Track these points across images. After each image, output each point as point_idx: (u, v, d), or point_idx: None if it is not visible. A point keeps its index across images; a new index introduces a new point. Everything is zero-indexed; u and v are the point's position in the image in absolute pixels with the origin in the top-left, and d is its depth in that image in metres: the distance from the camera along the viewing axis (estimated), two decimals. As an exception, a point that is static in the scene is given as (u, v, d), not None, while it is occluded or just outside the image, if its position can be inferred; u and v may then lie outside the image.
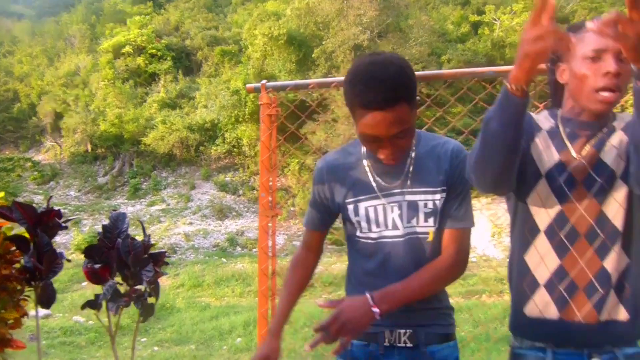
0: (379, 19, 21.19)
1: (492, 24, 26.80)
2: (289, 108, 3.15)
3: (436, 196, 1.46)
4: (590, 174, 1.34)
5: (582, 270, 1.33)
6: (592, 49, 1.29)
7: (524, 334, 1.43)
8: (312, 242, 1.67)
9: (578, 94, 1.34)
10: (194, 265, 14.46)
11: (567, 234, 1.35)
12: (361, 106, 1.30)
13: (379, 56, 1.35)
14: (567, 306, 1.34)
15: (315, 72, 21.36)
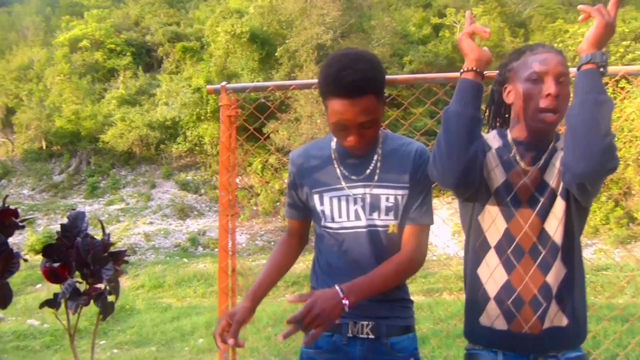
0: (342, 19, 21.28)
1: (452, 26, 27.31)
2: (252, 106, 3.17)
3: (398, 192, 1.56)
4: (534, 194, 1.47)
5: (527, 285, 1.45)
6: (534, 71, 1.42)
7: (477, 341, 1.55)
8: (293, 230, 1.75)
9: (523, 113, 1.47)
10: (154, 265, 14.22)
11: (513, 250, 1.46)
12: (333, 95, 1.42)
13: (352, 50, 1.49)
14: (515, 319, 1.45)
15: (278, 71, 21.30)
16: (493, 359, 1.49)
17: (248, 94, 2.94)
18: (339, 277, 1.52)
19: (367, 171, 1.57)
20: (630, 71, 2.62)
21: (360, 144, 1.50)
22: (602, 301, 8.80)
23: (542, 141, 1.50)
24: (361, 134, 1.47)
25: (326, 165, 1.61)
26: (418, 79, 2.56)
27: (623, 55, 19.25)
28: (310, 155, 1.66)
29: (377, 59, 1.50)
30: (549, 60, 1.43)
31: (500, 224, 1.47)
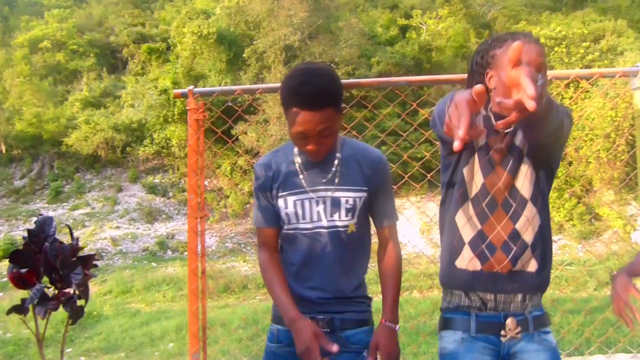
0: (309, 20, 21.31)
1: (419, 28, 27.66)
2: (220, 108, 3.16)
3: (357, 194, 1.69)
4: (507, 155, 1.59)
5: (498, 233, 1.58)
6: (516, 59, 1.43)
7: (454, 284, 1.65)
8: (268, 240, 1.77)
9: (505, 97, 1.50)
10: (122, 270, 14.00)
11: (488, 203, 1.60)
12: (295, 106, 1.54)
13: (313, 65, 1.65)
14: (488, 261, 1.58)
15: (246, 72, 21.20)
16: (466, 321, 1.59)
17: (216, 97, 2.94)
18: (305, 278, 1.69)
19: (329, 175, 1.69)
20: (581, 74, 2.77)
21: (320, 151, 1.63)
22: (567, 295, 9.03)
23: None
24: (320, 142, 1.60)
25: (289, 170, 1.71)
26: (382, 83, 2.61)
27: (583, 56, 19.80)
28: (274, 163, 1.75)
29: (336, 74, 1.65)
30: (530, 51, 1.52)
31: (478, 178, 1.60)
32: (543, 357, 1.56)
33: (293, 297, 1.68)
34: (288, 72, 1.63)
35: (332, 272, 1.67)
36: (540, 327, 1.59)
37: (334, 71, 1.68)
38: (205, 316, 2.86)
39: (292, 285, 1.70)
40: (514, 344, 1.57)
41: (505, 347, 1.57)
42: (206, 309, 2.87)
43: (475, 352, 1.56)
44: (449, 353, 1.60)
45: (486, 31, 29.39)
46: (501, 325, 1.57)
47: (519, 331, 1.56)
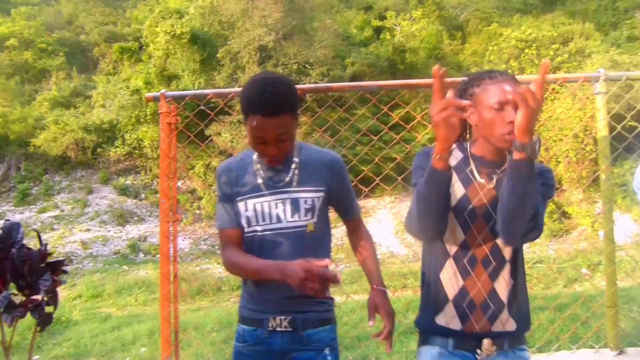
0: (284, 21, 21.26)
1: (393, 29, 27.87)
2: (194, 109, 3.13)
3: (315, 194, 1.78)
4: (489, 210, 1.63)
5: (479, 290, 1.63)
6: (496, 102, 1.57)
7: (430, 334, 1.71)
8: (233, 240, 1.82)
9: (488, 136, 1.62)
10: (92, 274, 13.73)
11: (469, 259, 1.64)
12: (254, 113, 1.63)
13: (271, 74, 1.75)
14: (468, 320, 1.63)
15: (220, 72, 21.04)
16: (445, 340, 1.66)
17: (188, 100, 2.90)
18: None
19: (287, 178, 1.77)
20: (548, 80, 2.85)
21: (278, 156, 1.72)
22: (537, 292, 9.19)
23: (499, 158, 1.67)
24: (278, 147, 1.69)
25: (249, 175, 1.80)
26: (352, 87, 2.62)
27: (553, 58, 20.18)
28: (234, 168, 1.83)
29: (292, 82, 1.76)
30: (507, 90, 1.54)
31: (458, 235, 1.64)
32: None
33: (255, 297, 1.79)
34: (246, 82, 1.73)
35: None
36: (516, 345, 1.67)
37: (290, 80, 1.79)
38: (178, 320, 2.84)
39: (254, 287, 1.79)
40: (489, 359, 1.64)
41: None
42: (178, 313, 2.85)
43: None
44: None
45: (459, 33, 29.79)
46: (478, 344, 1.63)
47: (495, 349, 1.63)
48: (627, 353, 2.67)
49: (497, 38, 23.23)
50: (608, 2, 31.77)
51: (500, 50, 21.24)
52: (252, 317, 1.80)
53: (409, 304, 6.23)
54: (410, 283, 10.81)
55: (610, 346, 2.68)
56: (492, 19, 29.54)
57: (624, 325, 4.36)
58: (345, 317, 6.90)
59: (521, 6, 32.37)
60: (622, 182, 16.50)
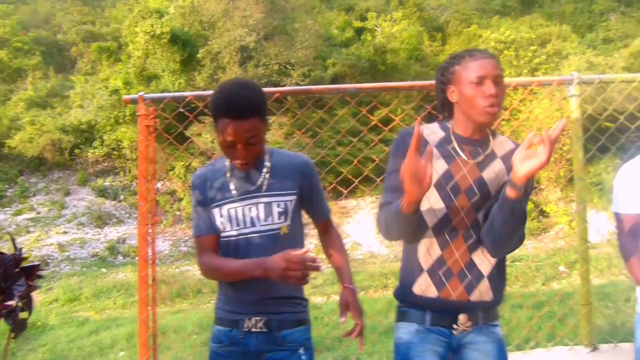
0: (265, 21, 21.21)
1: (374, 30, 27.99)
2: (174, 110, 3.10)
3: (288, 198, 1.83)
4: (472, 186, 1.68)
5: (456, 260, 1.67)
6: (476, 76, 1.64)
7: (411, 305, 1.75)
8: (209, 246, 1.86)
9: (469, 111, 1.68)
10: (69, 277, 13.52)
11: (449, 231, 1.68)
12: (224, 117, 1.68)
13: (240, 80, 1.83)
14: (444, 288, 1.67)
15: (200, 72, 20.91)
16: (422, 315, 1.70)
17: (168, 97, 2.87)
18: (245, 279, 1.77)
19: (258, 182, 1.82)
20: (521, 83, 2.91)
21: (248, 159, 1.75)
22: (515, 290, 9.29)
23: (481, 136, 1.72)
24: (247, 150, 1.72)
25: (222, 181, 1.84)
26: (332, 90, 2.63)
27: (531, 59, 20.48)
28: (207, 175, 1.87)
29: (260, 87, 1.82)
30: (486, 65, 1.65)
31: (439, 209, 1.67)
32: (490, 347, 1.70)
33: (231, 299, 1.83)
34: (216, 88, 1.79)
35: None
36: (489, 320, 1.72)
37: (259, 85, 1.86)
38: (156, 324, 2.82)
39: (230, 289, 1.83)
40: (464, 336, 1.69)
41: (456, 339, 1.69)
42: (156, 316, 2.83)
43: (428, 343, 1.68)
44: (404, 343, 1.72)
45: (439, 34, 30.05)
46: (454, 319, 1.68)
47: (470, 324, 1.68)
48: (601, 349, 2.72)
49: (477, 39, 23.50)
50: (584, 5, 32.36)
51: (480, 52, 21.45)
52: (228, 318, 1.83)
53: (390, 304, 6.25)
54: (391, 283, 10.84)
55: (584, 343, 2.73)
56: (472, 20, 29.87)
57: (600, 322, 4.43)
58: (326, 318, 6.91)
59: (500, 8, 32.80)
60: (598, 180, 16.80)
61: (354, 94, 2.64)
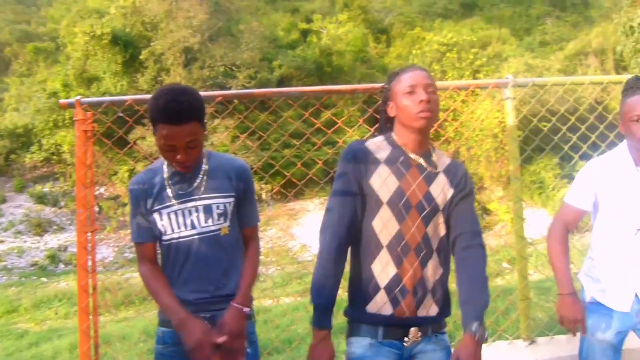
0: (209, 23, 20.93)
1: (319, 32, 28.12)
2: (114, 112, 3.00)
3: (226, 200, 1.86)
4: (421, 201, 1.74)
5: (411, 276, 1.72)
6: (407, 86, 1.75)
7: (363, 322, 1.76)
8: (147, 254, 1.90)
9: (404, 120, 1.77)
10: (6, 288, 12.96)
11: (402, 248, 1.72)
12: (163, 122, 1.70)
13: (177, 85, 1.84)
14: (399, 306, 1.71)
15: (143, 74, 20.41)
16: (374, 330, 1.73)
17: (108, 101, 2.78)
18: (188, 280, 1.82)
19: (195, 185, 1.85)
20: (459, 85, 2.96)
21: (187, 162, 1.78)
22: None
23: (424, 151, 1.80)
24: (188, 153, 1.76)
25: (160, 186, 1.86)
26: (275, 93, 2.64)
27: (472, 61, 21.09)
28: (145, 181, 1.89)
29: (197, 92, 1.85)
30: (416, 76, 1.77)
31: (392, 226, 1.72)
32: (439, 355, 1.76)
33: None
34: (153, 94, 1.80)
35: (212, 273, 1.83)
36: (437, 329, 1.79)
37: (196, 89, 1.89)
38: (97, 334, 2.72)
39: (176, 292, 1.82)
40: (415, 346, 1.75)
41: (407, 350, 1.74)
42: (98, 326, 2.73)
43: (381, 356, 1.71)
44: (358, 357, 1.74)
45: (384, 36, 30.52)
46: (405, 332, 1.72)
47: (420, 335, 1.74)
48: (538, 343, 2.82)
49: (420, 42, 23.98)
50: (522, 9, 33.67)
51: (424, 54, 21.94)
52: None
53: (340, 305, 6.29)
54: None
55: (523, 337, 2.81)
56: (415, 23, 30.49)
57: (540, 316, 4.61)
58: (276, 320, 6.87)
59: (442, 11, 33.65)
60: (538, 179, 17.50)
61: (297, 96, 2.63)
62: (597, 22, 24.51)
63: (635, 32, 11.37)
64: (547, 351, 2.74)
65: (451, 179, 1.80)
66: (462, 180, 1.82)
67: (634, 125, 1.96)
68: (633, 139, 1.99)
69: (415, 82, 1.75)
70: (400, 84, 1.78)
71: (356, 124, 3.11)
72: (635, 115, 1.96)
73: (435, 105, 1.76)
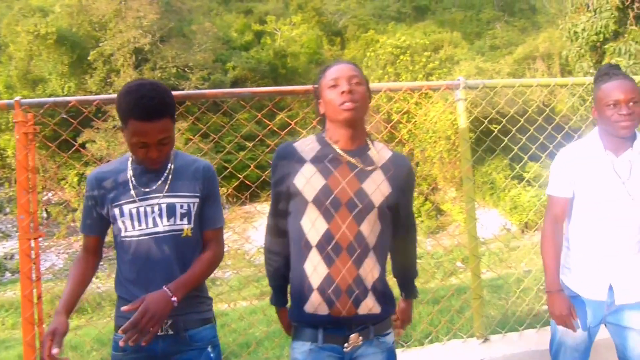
0: (160, 23, 20.51)
1: (273, 34, 28.03)
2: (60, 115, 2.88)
3: (190, 200, 1.82)
4: (352, 198, 1.69)
5: (344, 276, 1.68)
6: (331, 79, 1.72)
7: (304, 324, 1.75)
8: (89, 246, 1.88)
9: (330, 114, 1.73)
10: (-53, 300, 12.29)
11: (333, 247, 1.68)
12: (136, 119, 1.65)
13: (146, 80, 1.76)
14: (334, 306, 1.67)
15: (92, 75, 19.82)
16: (314, 333, 1.70)
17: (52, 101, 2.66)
18: (145, 280, 1.75)
19: (159, 182, 1.80)
20: (411, 87, 2.98)
21: (159, 159, 1.75)
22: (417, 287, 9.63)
23: (358, 146, 1.76)
24: (160, 150, 1.72)
25: (124, 181, 1.80)
26: (226, 94, 2.56)
27: (425, 64, 21.47)
28: (108, 174, 1.83)
29: (168, 88, 1.79)
30: (340, 69, 1.74)
31: (320, 225, 1.68)
32: (380, 358, 1.74)
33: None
34: (122, 89, 1.73)
35: (172, 275, 1.75)
36: (380, 331, 1.76)
37: (166, 86, 1.81)
38: (43, 345, 2.59)
39: (132, 291, 1.76)
40: (356, 350, 1.73)
41: (348, 354, 1.72)
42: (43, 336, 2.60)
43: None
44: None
45: (338, 38, 30.69)
46: (345, 338, 1.70)
47: (361, 340, 1.71)
48: (491, 340, 2.87)
49: (374, 44, 24.22)
50: (472, 14, 34.53)
51: (378, 56, 22.17)
52: None
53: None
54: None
55: (477, 335, 2.86)
56: (369, 26, 30.78)
57: (493, 313, 4.70)
58: (233, 324, 6.78)
59: (396, 14, 34.12)
60: (489, 180, 17.95)
61: (250, 97, 2.59)
62: (544, 27, 25.36)
63: (579, 38, 11.81)
64: (500, 349, 2.80)
65: (390, 175, 1.75)
66: (403, 174, 1.78)
67: (608, 111, 2.00)
68: (607, 122, 2.02)
69: (337, 75, 1.72)
70: (325, 79, 1.75)
71: (310, 126, 3.09)
72: (611, 100, 1.99)
73: (360, 97, 1.71)
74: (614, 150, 2.05)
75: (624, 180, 2.01)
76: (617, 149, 2.05)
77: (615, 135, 2.02)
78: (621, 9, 11.15)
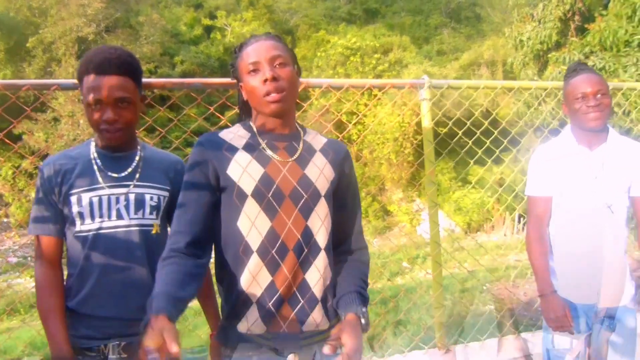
0: (106, 12, 19.75)
1: (224, 29, 27.59)
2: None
3: (161, 192, 1.64)
4: (296, 188, 1.42)
5: (289, 284, 1.39)
6: (250, 63, 1.44)
7: (234, 346, 1.42)
8: (49, 251, 1.58)
9: (255, 104, 1.46)
10: None
11: (278, 250, 1.39)
12: (91, 72, 1.52)
13: (114, 46, 1.66)
14: (273, 319, 1.39)
15: (31, 64, 18.84)
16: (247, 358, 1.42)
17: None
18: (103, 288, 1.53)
19: (129, 169, 1.61)
20: (375, 84, 2.95)
21: (118, 125, 1.55)
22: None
23: (290, 130, 1.50)
24: (116, 113, 1.53)
25: (85, 166, 1.59)
26: (175, 84, 2.41)
27: (375, 66, 21.65)
28: (67, 159, 1.61)
29: (135, 55, 1.66)
30: (259, 48, 1.44)
31: (262, 224, 1.38)
32: None
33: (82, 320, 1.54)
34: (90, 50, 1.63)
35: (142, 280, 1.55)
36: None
37: (133, 53, 1.70)
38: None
39: (81, 306, 1.56)
40: None
41: None
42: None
43: None
44: None
45: (289, 37, 30.54)
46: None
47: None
48: (454, 351, 2.83)
49: (325, 45, 24.24)
50: (421, 19, 35.18)
51: (328, 57, 22.19)
52: (77, 345, 1.54)
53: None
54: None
55: (438, 345, 2.80)
56: (320, 26, 30.82)
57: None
58: (178, 325, 6.58)
59: (346, 16, 34.31)
60: (436, 181, 18.27)
61: (201, 89, 2.44)
62: (488, 35, 26.11)
63: (525, 46, 12.24)
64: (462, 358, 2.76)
65: (331, 158, 1.50)
66: (341, 157, 1.52)
67: (577, 104, 2.00)
68: (577, 116, 2.02)
69: (257, 58, 1.42)
70: (243, 61, 1.46)
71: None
72: (580, 93, 2.00)
73: (287, 82, 1.42)
74: (588, 145, 2.04)
75: (597, 174, 1.99)
76: (591, 143, 2.04)
77: (585, 128, 2.02)
78: (563, 20, 11.61)
